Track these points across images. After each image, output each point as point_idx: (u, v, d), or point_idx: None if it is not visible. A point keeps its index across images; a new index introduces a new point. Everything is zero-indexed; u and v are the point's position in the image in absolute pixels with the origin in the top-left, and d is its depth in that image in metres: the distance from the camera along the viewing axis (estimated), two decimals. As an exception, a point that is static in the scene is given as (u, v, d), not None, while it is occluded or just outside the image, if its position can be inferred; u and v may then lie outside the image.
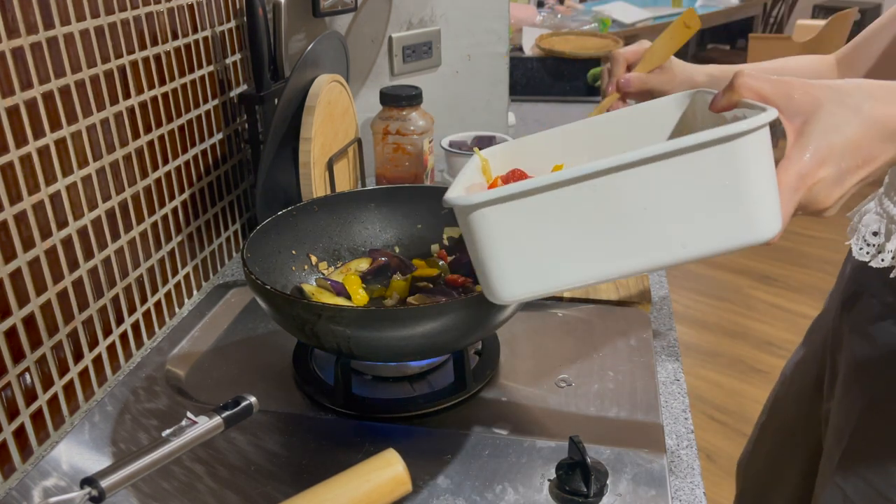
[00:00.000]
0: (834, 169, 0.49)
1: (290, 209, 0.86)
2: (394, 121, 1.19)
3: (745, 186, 0.47)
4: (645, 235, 0.49)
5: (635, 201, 0.48)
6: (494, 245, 0.50)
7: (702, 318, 2.75)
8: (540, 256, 0.51)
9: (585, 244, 0.50)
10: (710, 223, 0.48)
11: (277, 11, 1.06)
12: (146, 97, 0.86)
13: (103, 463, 0.69)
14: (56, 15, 0.70)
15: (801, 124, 0.50)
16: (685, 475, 0.68)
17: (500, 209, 0.49)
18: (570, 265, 0.51)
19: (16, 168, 0.67)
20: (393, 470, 0.61)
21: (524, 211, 0.49)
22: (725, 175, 0.47)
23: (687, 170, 0.47)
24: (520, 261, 0.51)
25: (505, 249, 0.50)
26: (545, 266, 0.51)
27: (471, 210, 0.49)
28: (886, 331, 0.81)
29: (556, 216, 0.49)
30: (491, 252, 0.51)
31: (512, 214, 0.49)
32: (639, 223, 0.49)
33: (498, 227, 0.50)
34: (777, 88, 0.51)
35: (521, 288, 0.52)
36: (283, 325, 0.73)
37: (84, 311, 0.77)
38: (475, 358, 0.81)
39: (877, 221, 0.77)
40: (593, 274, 0.51)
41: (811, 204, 0.50)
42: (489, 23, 1.42)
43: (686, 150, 0.47)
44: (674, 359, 0.84)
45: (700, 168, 0.47)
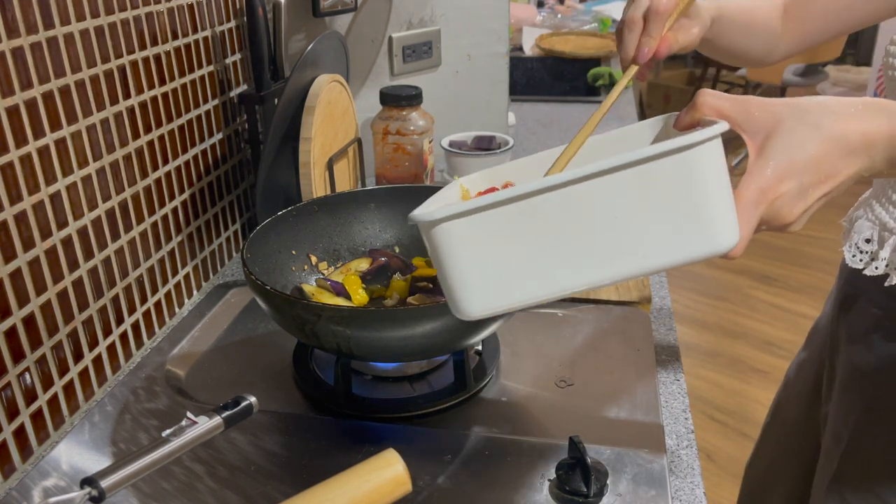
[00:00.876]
0: (795, 184, 0.49)
1: (290, 209, 0.86)
2: (394, 121, 1.19)
3: (698, 197, 0.48)
4: (604, 248, 0.49)
5: (592, 214, 0.49)
6: (457, 261, 0.50)
7: (702, 318, 2.75)
8: (503, 271, 0.51)
9: (547, 258, 0.50)
10: (667, 235, 0.49)
11: (277, 11, 1.06)
12: (146, 97, 0.86)
13: (103, 463, 0.69)
14: (56, 15, 0.70)
15: (762, 141, 0.50)
16: (685, 475, 0.68)
17: (461, 224, 0.49)
18: (533, 280, 0.51)
19: (16, 168, 0.67)
20: (393, 470, 0.61)
21: (485, 226, 0.49)
22: (679, 186, 0.47)
23: (641, 181, 0.48)
24: (483, 276, 0.51)
25: (468, 265, 0.50)
26: (508, 281, 0.51)
27: (433, 225, 0.49)
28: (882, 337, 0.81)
29: (516, 230, 0.49)
30: (454, 268, 0.51)
31: (473, 229, 0.49)
32: (597, 235, 0.49)
33: (460, 243, 0.50)
34: (737, 106, 0.51)
35: (485, 304, 0.52)
36: (283, 325, 0.73)
37: (84, 311, 0.77)
38: (475, 358, 0.81)
39: (869, 228, 0.77)
40: (557, 288, 0.51)
41: (774, 219, 0.50)
42: (489, 23, 1.42)
43: (639, 162, 0.47)
44: (674, 359, 0.84)
45: (654, 179, 0.47)
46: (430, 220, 0.49)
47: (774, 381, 1.14)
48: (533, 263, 0.50)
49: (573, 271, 0.50)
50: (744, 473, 1.19)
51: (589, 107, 1.90)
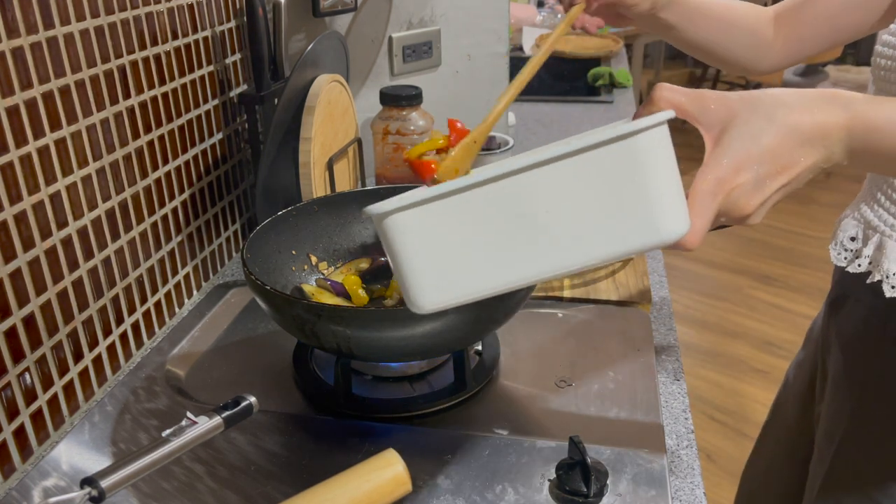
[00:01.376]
0: (752, 175, 0.49)
1: (290, 209, 0.86)
2: (394, 121, 1.19)
3: (644, 185, 0.47)
4: (554, 238, 0.49)
5: (540, 204, 0.48)
6: (408, 253, 0.50)
7: (702, 318, 2.75)
8: (454, 263, 0.50)
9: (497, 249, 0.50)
10: (613, 225, 0.48)
11: (277, 11, 1.06)
12: (146, 97, 0.86)
13: (103, 463, 0.69)
14: (56, 15, 0.70)
15: (717, 133, 0.51)
16: (685, 475, 0.68)
17: (409, 216, 0.49)
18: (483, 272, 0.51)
19: (16, 168, 0.67)
20: (393, 470, 0.61)
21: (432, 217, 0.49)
22: (623, 175, 0.47)
23: (587, 170, 0.47)
24: (434, 269, 0.51)
25: (418, 257, 0.50)
26: (459, 274, 0.51)
27: (382, 218, 0.49)
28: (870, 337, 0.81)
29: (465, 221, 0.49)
30: (406, 260, 0.50)
31: (421, 221, 0.49)
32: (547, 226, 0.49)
33: (410, 235, 0.50)
34: (693, 100, 0.52)
35: (438, 297, 0.52)
36: (283, 325, 0.73)
37: (84, 311, 0.77)
38: (475, 358, 0.81)
39: (854, 227, 0.78)
40: (509, 279, 0.51)
41: (732, 210, 0.51)
42: (489, 23, 1.42)
43: (583, 150, 0.47)
44: (674, 359, 0.84)
45: (598, 168, 0.47)
46: (380, 213, 0.49)
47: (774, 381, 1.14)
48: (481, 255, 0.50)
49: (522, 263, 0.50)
50: (742, 473, 1.19)
51: (589, 107, 1.90)
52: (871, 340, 0.81)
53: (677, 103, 0.52)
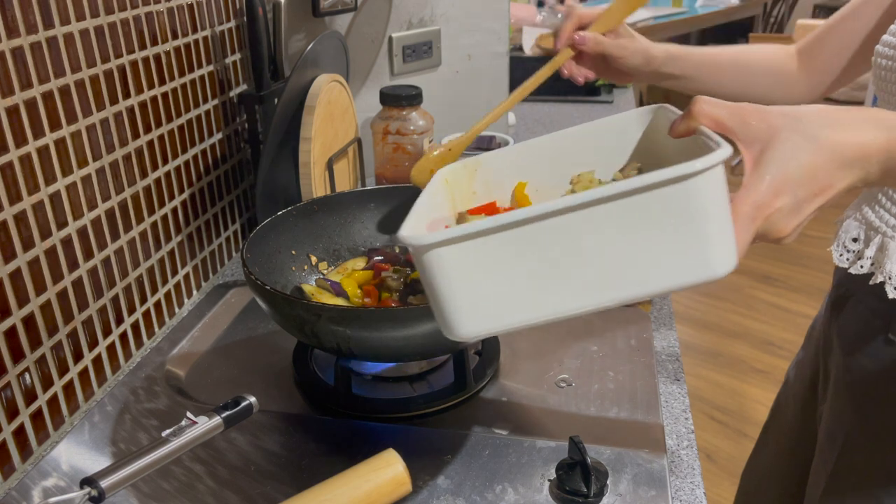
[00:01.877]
0: (790, 198, 0.49)
1: (290, 209, 0.86)
2: (394, 121, 1.19)
3: (699, 225, 0.47)
4: (601, 274, 0.48)
5: (590, 240, 0.48)
6: (450, 284, 0.49)
7: (702, 318, 2.75)
8: (496, 295, 0.50)
9: (541, 283, 0.49)
10: (665, 261, 0.48)
11: (277, 11, 1.06)
12: (146, 97, 0.86)
13: (103, 463, 0.68)
14: (56, 15, 0.70)
15: (757, 153, 0.50)
16: (685, 475, 0.68)
17: (455, 249, 0.48)
18: (526, 304, 0.50)
19: (15, 168, 0.67)
20: (393, 470, 0.61)
21: (479, 250, 0.48)
22: (679, 214, 0.46)
23: (640, 209, 0.46)
24: (476, 300, 0.50)
25: (461, 288, 0.49)
26: (500, 305, 0.50)
27: (425, 249, 0.48)
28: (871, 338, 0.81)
29: (511, 255, 0.48)
30: (446, 291, 0.49)
31: (467, 254, 0.48)
32: (594, 262, 0.48)
33: (453, 267, 0.48)
34: (734, 115, 0.51)
35: (476, 327, 0.51)
36: (283, 325, 0.73)
37: (84, 311, 0.77)
38: (475, 358, 0.81)
39: (856, 228, 0.78)
40: (550, 312, 0.50)
41: (769, 233, 0.50)
42: (489, 23, 1.42)
43: (640, 190, 0.46)
44: (674, 359, 0.84)
45: (653, 207, 0.46)
46: (420, 245, 0.48)
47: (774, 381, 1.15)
48: (526, 288, 0.49)
49: (567, 297, 0.49)
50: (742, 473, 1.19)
51: (589, 107, 1.90)
52: (873, 341, 0.81)
53: (717, 118, 0.51)
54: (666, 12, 3.76)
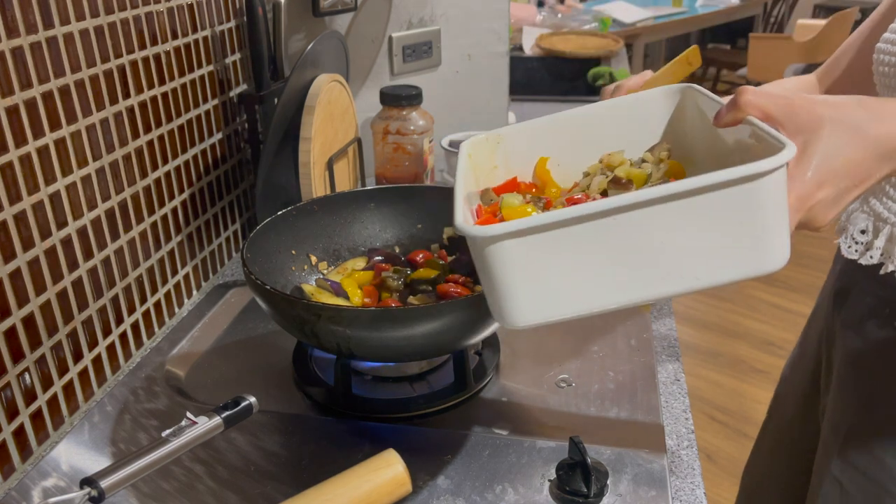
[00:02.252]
0: (833, 190, 0.50)
1: (290, 209, 0.86)
2: (394, 120, 1.19)
3: (763, 221, 0.48)
4: (660, 267, 0.49)
5: (656, 234, 0.48)
6: (510, 274, 0.50)
7: (702, 318, 2.75)
8: (555, 285, 0.50)
9: (602, 274, 0.50)
10: (725, 256, 0.49)
11: (277, 11, 1.06)
12: (146, 97, 0.86)
13: (103, 463, 0.68)
14: (56, 14, 0.70)
15: (802, 143, 0.50)
16: (685, 475, 0.68)
17: (519, 240, 0.48)
18: (584, 295, 0.51)
19: (15, 168, 0.67)
20: (393, 470, 0.61)
21: (542, 242, 0.48)
22: (746, 210, 0.47)
23: (705, 207, 0.47)
24: (535, 289, 0.50)
25: (520, 278, 0.50)
26: (560, 295, 0.51)
27: (490, 242, 0.48)
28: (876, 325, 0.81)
29: (574, 247, 0.49)
30: (506, 281, 0.50)
31: (531, 245, 0.49)
32: (657, 256, 0.49)
33: (514, 257, 0.49)
34: (781, 107, 0.51)
35: (534, 315, 0.52)
36: (282, 325, 0.73)
37: (83, 311, 0.77)
38: (475, 358, 0.81)
39: (864, 220, 0.78)
40: (606, 302, 0.51)
41: (810, 223, 0.52)
42: (489, 22, 1.42)
43: (715, 187, 0.47)
44: (674, 359, 0.84)
45: (722, 202, 0.47)
46: (487, 237, 0.48)
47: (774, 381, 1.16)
48: (586, 280, 0.50)
49: (623, 289, 0.50)
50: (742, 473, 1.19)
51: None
52: (878, 329, 0.81)
53: (765, 109, 0.52)
54: (666, 12, 3.76)
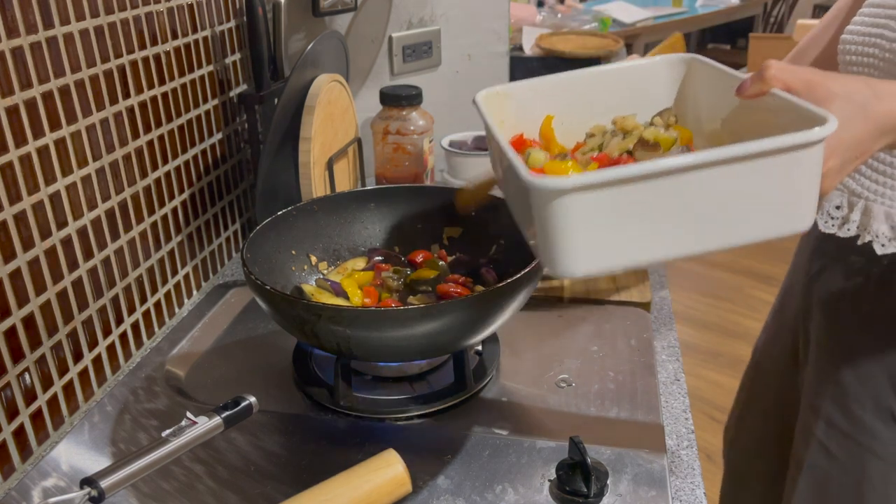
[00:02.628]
0: (839, 161, 0.55)
1: (290, 209, 0.86)
2: (394, 121, 1.19)
3: (805, 185, 0.53)
4: (706, 223, 0.53)
5: (711, 193, 0.52)
6: (572, 225, 0.52)
7: (702, 318, 2.75)
8: (612, 237, 0.53)
9: (655, 229, 0.53)
10: (769, 215, 0.54)
11: (277, 11, 1.06)
12: (146, 97, 0.86)
13: (103, 463, 0.68)
14: (56, 15, 0.70)
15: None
16: (685, 475, 0.68)
17: (585, 194, 0.51)
18: (637, 247, 0.54)
19: (15, 168, 0.67)
20: (393, 470, 0.61)
21: (608, 196, 0.51)
22: (788, 175, 0.52)
23: (755, 170, 0.51)
24: (593, 240, 0.53)
25: (582, 229, 0.52)
26: (615, 246, 0.54)
27: (559, 194, 0.51)
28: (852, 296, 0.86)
29: (636, 202, 0.52)
30: (567, 231, 0.52)
31: (594, 199, 0.51)
32: (709, 213, 0.53)
33: (577, 210, 0.52)
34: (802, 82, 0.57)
35: (588, 265, 0.54)
36: (283, 325, 0.73)
37: (84, 311, 0.77)
38: (475, 358, 0.81)
39: (838, 196, 0.83)
40: (657, 255, 0.55)
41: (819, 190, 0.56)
42: (489, 23, 1.42)
43: (760, 154, 0.50)
44: (674, 359, 0.84)
45: (767, 168, 0.51)
46: (556, 189, 0.51)
47: (774, 381, 1.19)
48: (640, 233, 0.53)
49: (672, 242, 0.54)
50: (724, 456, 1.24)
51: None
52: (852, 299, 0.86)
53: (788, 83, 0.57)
54: (666, 12, 3.76)
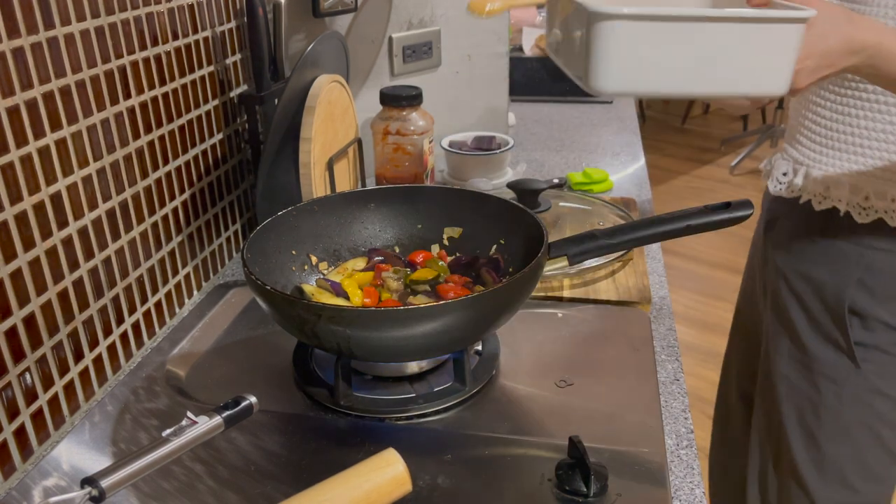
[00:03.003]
0: (813, 63, 0.71)
1: (290, 209, 0.86)
2: (394, 121, 1.19)
3: (781, 57, 0.70)
4: (714, 70, 0.70)
5: (723, 45, 0.69)
6: (612, 48, 0.68)
7: (702, 318, 2.75)
8: (639, 65, 0.69)
9: (672, 65, 0.69)
10: (752, 73, 0.71)
11: (277, 11, 1.06)
12: (146, 97, 0.86)
13: (103, 463, 0.69)
14: (56, 15, 0.70)
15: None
16: (685, 475, 0.68)
17: (629, 23, 0.67)
18: (654, 77, 0.70)
19: (16, 168, 0.67)
20: (393, 470, 0.61)
21: (645, 28, 0.67)
22: (775, 44, 0.69)
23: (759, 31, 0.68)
24: (624, 64, 0.69)
25: (619, 53, 0.68)
26: (639, 73, 0.69)
27: (609, 18, 0.66)
28: (797, 242, 1.03)
29: (665, 39, 0.68)
30: (608, 52, 0.68)
31: (634, 29, 0.67)
32: (717, 61, 0.70)
33: (620, 36, 0.67)
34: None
35: (616, 85, 0.70)
36: (283, 325, 0.73)
37: (84, 311, 0.77)
38: (475, 358, 0.81)
39: (785, 165, 1.02)
40: (669, 89, 0.72)
41: (793, 83, 0.72)
42: (489, 23, 1.42)
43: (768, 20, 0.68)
44: (674, 359, 0.84)
45: (761, 32, 0.68)
46: (603, 13, 0.67)
47: (774, 381, 1.20)
48: (659, 66, 0.69)
49: (686, 81, 0.71)
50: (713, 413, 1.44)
51: (589, 107, 1.90)
52: (796, 245, 1.04)
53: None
54: (666, 12, 3.75)
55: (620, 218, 1.11)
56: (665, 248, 1.22)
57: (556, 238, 0.79)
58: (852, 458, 1.03)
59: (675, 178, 4.24)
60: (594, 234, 0.79)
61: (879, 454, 1.03)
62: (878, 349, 0.98)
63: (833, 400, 1.01)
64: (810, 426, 1.04)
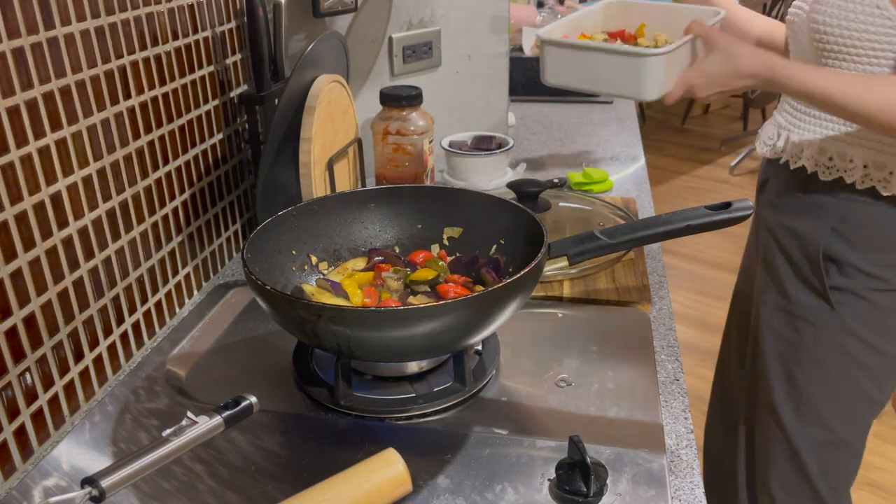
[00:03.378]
0: (705, 81, 1.05)
1: (290, 209, 0.86)
2: (394, 121, 1.19)
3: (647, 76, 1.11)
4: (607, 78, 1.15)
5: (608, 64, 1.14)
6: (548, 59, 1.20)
7: (702, 318, 2.75)
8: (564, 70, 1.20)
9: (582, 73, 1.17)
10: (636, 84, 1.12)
11: (277, 11, 1.06)
12: (146, 97, 0.86)
13: (104, 463, 0.69)
14: (56, 15, 0.70)
15: (707, 54, 1.07)
16: (685, 475, 0.68)
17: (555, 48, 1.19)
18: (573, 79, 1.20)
19: (16, 168, 0.67)
20: (393, 470, 0.61)
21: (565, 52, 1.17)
22: (649, 67, 1.10)
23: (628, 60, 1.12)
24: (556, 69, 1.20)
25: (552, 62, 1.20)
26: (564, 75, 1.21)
27: (546, 43, 1.19)
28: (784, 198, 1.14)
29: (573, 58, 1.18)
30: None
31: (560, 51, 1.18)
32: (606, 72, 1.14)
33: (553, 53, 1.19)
34: (711, 35, 1.07)
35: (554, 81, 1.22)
36: (283, 325, 0.73)
37: (84, 310, 0.77)
38: (475, 358, 0.81)
39: (772, 129, 1.16)
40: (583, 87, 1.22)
41: (690, 92, 1.08)
42: (489, 23, 1.42)
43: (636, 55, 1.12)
44: (674, 359, 0.84)
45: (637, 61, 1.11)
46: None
47: (774, 381, 1.20)
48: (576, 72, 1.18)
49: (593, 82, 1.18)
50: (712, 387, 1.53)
51: (589, 107, 1.90)
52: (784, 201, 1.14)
53: (704, 33, 1.09)
54: (666, 12, 3.75)
55: (620, 218, 1.11)
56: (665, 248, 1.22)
57: (556, 238, 0.79)
58: (829, 399, 1.10)
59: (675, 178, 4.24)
60: (594, 234, 0.79)
61: (856, 396, 1.10)
62: (852, 293, 1.05)
63: (811, 342, 1.09)
64: (791, 369, 1.12)
